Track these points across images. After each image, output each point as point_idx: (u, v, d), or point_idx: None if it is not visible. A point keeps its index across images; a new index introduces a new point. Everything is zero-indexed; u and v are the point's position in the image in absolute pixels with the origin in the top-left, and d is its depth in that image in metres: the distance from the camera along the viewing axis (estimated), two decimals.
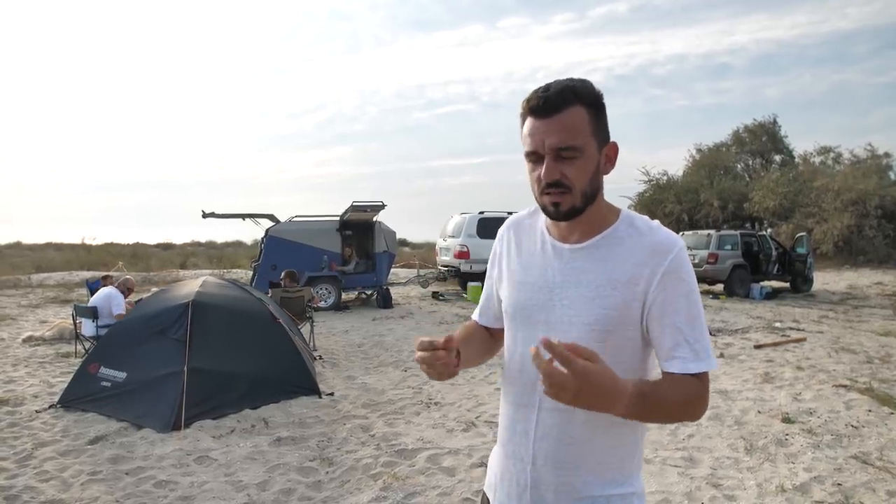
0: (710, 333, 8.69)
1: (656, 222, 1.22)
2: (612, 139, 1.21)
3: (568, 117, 1.12)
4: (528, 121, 1.16)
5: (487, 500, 1.39)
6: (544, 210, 1.20)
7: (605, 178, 1.22)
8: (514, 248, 1.34)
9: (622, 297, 1.16)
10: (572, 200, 1.14)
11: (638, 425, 1.24)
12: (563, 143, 1.11)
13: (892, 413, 5.00)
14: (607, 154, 1.19)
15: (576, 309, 1.18)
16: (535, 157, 1.16)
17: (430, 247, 24.25)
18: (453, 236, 14.28)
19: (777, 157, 32.81)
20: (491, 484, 1.37)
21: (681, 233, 16.04)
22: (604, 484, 1.21)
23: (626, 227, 1.21)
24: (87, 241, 28.78)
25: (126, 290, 7.79)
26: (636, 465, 1.27)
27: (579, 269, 1.20)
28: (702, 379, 1.16)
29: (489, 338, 1.48)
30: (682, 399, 1.14)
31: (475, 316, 1.51)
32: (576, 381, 0.96)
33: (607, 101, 1.19)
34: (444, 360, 1.19)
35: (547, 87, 1.13)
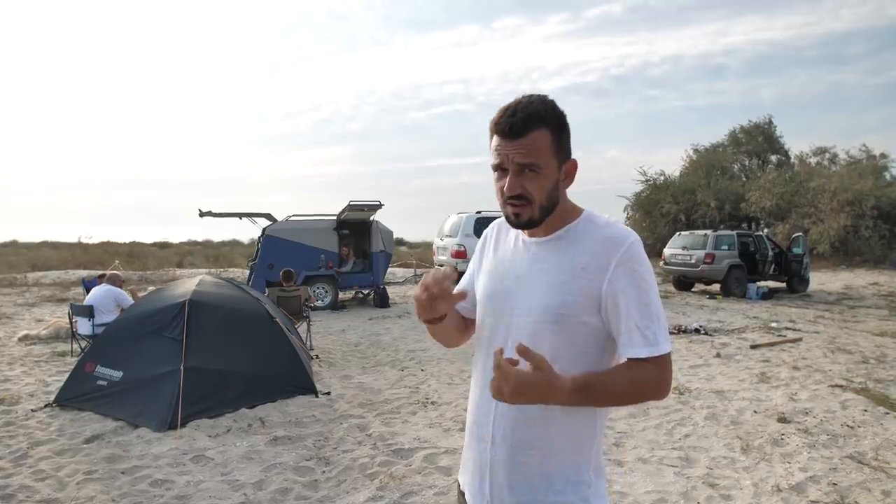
0: (706, 333, 8.79)
1: (614, 218, 1.34)
2: (572, 157, 1.32)
3: (531, 140, 1.22)
4: (496, 138, 1.27)
5: (459, 485, 1.46)
6: (507, 219, 1.32)
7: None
8: (493, 245, 1.47)
9: (579, 283, 1.25)
10: (531, 212, 1.27)
11: (596, 415, 1.30)
12: (524, 160, 1.23)
13: (888, 413, 5.02)
14: (567, 171, 1.31)
15: (536, 294, 1.29)
16: (500, 169, 1.27)
17: (426, 246, 24.27)
18: (450, 236, 14.27)
19: (773, 158, 32.92)
20: (461, 471, 1.46)
21: (678, 233, 16.08)
22: (559, 474, 1.27)
23: (586, 222, 1.32)
24: (84, 240, 28.78)
25: (119, 284, 7.77)
26: (595, 454, 1.31)
27: (542, 259, 1.32)
28: (656, 362, 1.23)
29: (462, 323, 1.55)
30: (633, 383, 1.22)
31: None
32: (510, 386, 1.12)
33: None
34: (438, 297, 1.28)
35: (514, 112, 1.23)
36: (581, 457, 1.29)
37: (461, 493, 1.43)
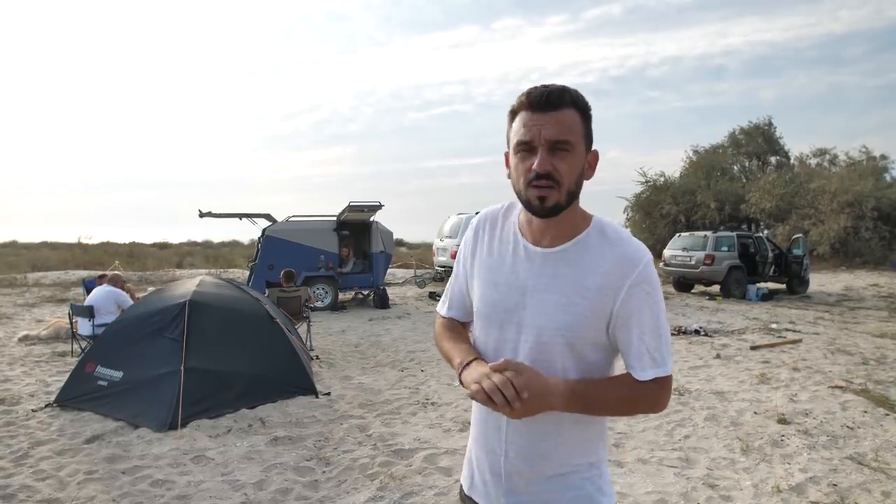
0: (706, 334, 8.79)
1: (626, 232, 1.28)
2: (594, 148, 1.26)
3: (565, 115, 1.18)
4: (525, 114, 1.20)
5: (463, 490, 1.44)
6: (528, 204, 1.22)
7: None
8: (486, 244, 1.36)
9: (591, 305, 1.21)
10: (558, 197, 1.18)
11: (604, 419, 1.33)
12: (559, 136, 1.16)
13: (888, 414, 5.02)
14: (589, 161, 1.25)
15: (547, 315, 1.23)
16: (527, 147, 1.19)
17: (426, 247, 24.27)
18: (450, 237, 14.29)
19: (773, 159, 32.92)
20: (467, 475, 1.43)
21: (677, 234, 16.08)
22: (574, 472, 1.29)
23: (596, 234, 1.26)
24: (84, 241, 28.76)
25: (121, 285, 7.78)
26: (603, 448, 1.35)
27: (550, 275, 1.24)
28: (659, 382, 1.24)
29: (466, 331, 1.48)
30: (629, 397, 1.24)
31: (443, 310, 1.50)
32: (512, 391, 1.10)
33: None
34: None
35: (547, 86, 1.19)
36: (593, 454, 1.31)
37: (469, 499, 1.40)
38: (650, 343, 1.21)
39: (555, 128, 1.16)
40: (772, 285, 15.00)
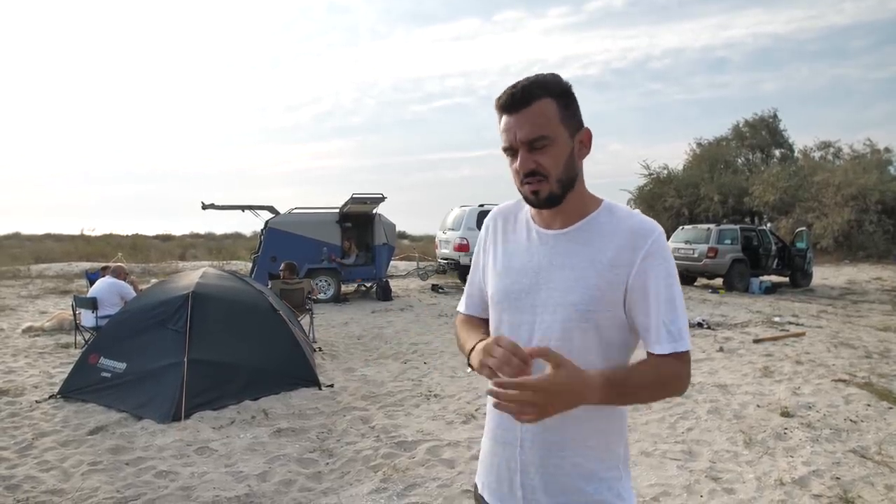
0: (709, 327, 8.76)
1: (636, 210, 1.29)
2: (585, 125, 1.26)
3: (535, 110, 1.18)
4: (502, 118, 1.23)
5: (477, 490, 1.41)
6: (526, 199, 1.27)
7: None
8: (500, 236, 1.39)
9: (605, 278, 1.20)
10: (550, 187, 1.20)
11: (623, 409, 1.29)
12: (532, 134, 1.18)
13: (891, 408, 5.01)
14: (581, 140, 1.24)
15: (560, 291, 1.22)
16: (511, 151, 1.22)
17: (429, 239, 24.28)
18: (453, 229, 14.28)
19: (777, 152, 32.75)
20: (481, 473, 1.40)
21: (680, 227, 16.03)
22: (592, 472, 1.24)
23: (606, 214, 1.27)
24: (87, 233, 28.76)
25: (123, 277, 7.81)
26: (623, 448, 1.30)
27: (563, 253, 1.25)
28: (680, 357, 1.20)
29: (484, 326, 1.47)
30: (660, 379, 1.20)
31: (462, 308, 1.53)
32: (543, 398, 1.06)
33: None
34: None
35: (515, 85, 1.20)
36: (611, 452, 1.27)
37: (480, 497, 1.38)
38: (665, 316, 1.19)
39: (527, 127, 1.18)
40: (775, 278, 14.97)
